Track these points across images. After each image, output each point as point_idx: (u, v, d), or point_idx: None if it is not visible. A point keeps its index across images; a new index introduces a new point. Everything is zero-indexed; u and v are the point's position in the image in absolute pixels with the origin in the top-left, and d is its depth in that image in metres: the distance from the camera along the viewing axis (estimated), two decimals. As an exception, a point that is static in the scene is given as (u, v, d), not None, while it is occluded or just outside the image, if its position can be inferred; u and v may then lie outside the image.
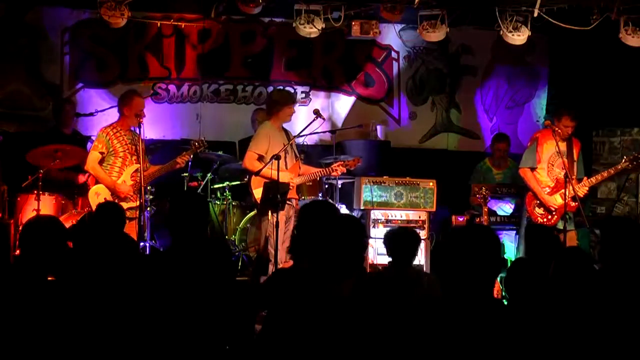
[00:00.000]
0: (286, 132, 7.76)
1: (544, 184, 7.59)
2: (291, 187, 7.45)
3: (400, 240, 5.43)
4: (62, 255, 3.82)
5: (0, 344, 3.43)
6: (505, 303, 4.39)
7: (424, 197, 8.26)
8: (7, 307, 3.51)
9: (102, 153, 7.63)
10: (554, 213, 7.51)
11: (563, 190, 7.40)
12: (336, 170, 7.71)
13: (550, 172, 7.60)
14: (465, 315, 3.19)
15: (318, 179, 8.17)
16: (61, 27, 9.40)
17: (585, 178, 7.59)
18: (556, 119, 7.60)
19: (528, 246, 5.45)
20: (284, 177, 7.36)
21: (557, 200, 7.51)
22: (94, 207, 7.57)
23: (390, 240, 5.46)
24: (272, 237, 7.00)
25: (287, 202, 7.48)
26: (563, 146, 7.53)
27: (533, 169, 7.65)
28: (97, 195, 7.57)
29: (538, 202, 7.59)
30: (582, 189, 7.47)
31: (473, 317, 3.19)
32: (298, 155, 7.86)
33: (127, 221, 7.58)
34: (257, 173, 7.40)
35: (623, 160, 7.67)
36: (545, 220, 7.51)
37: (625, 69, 9.30)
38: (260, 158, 7.37)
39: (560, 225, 7.46)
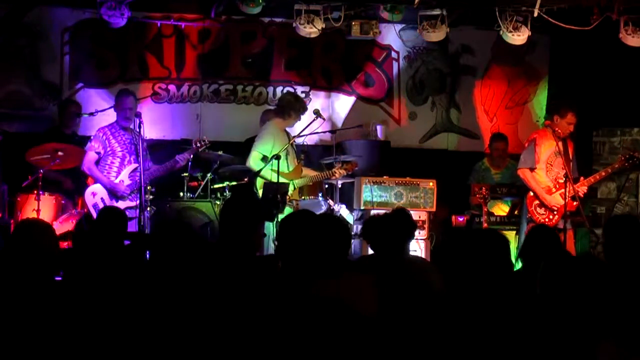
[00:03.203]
0: (287, 133, 7.88)
1: (543, 184, 7.60)
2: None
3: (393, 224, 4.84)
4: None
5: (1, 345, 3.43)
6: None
7: (424, 197, 8.26)
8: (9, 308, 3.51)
9: (98, 153, 7.66)
10: (555, 213, 7.52)
11: (563, 190, 7.42)
12: (335, 174, 7.83)
13: (549, 172, 7.62)
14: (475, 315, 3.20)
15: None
16: (61, 27, 9.40)
17: (582, 178, 7.61)
18: (558, 117, 7.57)
19: (529, 247, 5.24)
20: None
21: (557, 199, 7.52)
22: (90, 207, 7.59)
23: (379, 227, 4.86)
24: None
25: (289, 203, 7.58)
26: (560, 146, 7.54)
27: (532, 170, 7.65)
28: (94, 195, 7.59)
29: (539, 202, 7.60)
30: (581, 188, 7.49)
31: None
32: (298, 157, 7.94)
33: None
34: (258, 173, 7.48)
35: (618, 159, 7.71)
36: (547, 220, 7.53)
37: (625, 69, 9.30)
38: (265, 158, 7.44)
39: (559, 225, 7.48)
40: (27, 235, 3.74)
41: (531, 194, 7.65)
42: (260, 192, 7.54)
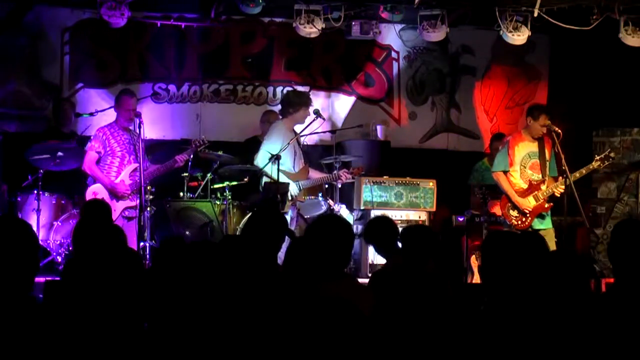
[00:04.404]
0: (295, 133, 7.91)
1: (517, 187, 7.57)
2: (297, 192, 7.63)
3: (418, 237, 5.22)
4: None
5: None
6: None
7: (424, 197, 8.28)
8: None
9: (98, 153, 7.66)
10: (527, 215, 7.51)
11: (536, 192, 7.45)
12: (342, 177, 7.86)
13: (522, 174, 7.60)
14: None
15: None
16: (61, 27, 9.40)
17: (560, 177, 7.56)
18: (531, 119, 7.53)
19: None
20: (291, 185, 7.55)
21: (530, 202, 7.52)
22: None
23: (406, 237, 5.26)
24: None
25: (293, 204, 7.64)
26: (535, 147, 7.53)
27: (505, 172, 7.63)
28: (95, 194, 7.58)
29: (511, 204, 7.58)
30: (558, 188, 7.45)
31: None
32: (304, 158, 7.97)
33: (127, 221, 7.63)
34: (261, 170, 7.58)
35: (595, 160, 7.66)
36: (519, 222, 7.52)
37: (625, 69, 9.31)
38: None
39: (535, 226, 7.48)
40: (7, 233, 3.71)
41: (504, 196, 7.62)
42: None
